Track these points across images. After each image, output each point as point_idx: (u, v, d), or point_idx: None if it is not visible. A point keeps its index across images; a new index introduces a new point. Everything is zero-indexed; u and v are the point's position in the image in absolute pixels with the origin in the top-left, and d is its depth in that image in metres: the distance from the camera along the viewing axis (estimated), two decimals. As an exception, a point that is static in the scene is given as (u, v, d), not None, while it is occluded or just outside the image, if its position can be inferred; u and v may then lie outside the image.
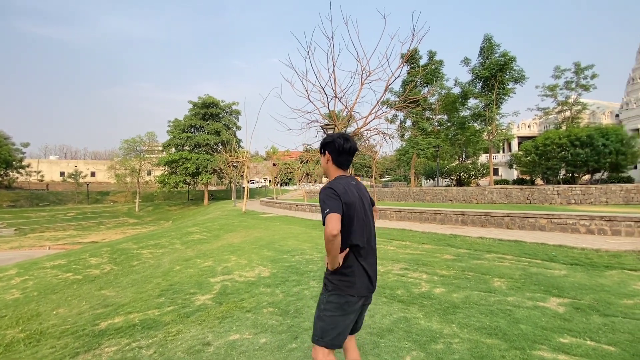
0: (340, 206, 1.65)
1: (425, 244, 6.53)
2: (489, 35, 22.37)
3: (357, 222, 1.73)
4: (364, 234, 1.76)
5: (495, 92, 22.26)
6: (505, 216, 9.15)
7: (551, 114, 31.06)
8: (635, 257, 4.78)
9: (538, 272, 4.34)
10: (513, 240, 6.40)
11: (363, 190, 1.91)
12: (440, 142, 24.75)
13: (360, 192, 1.85)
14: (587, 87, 27.52)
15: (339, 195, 1.67)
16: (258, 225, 10.85)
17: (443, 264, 4.98)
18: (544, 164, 24.81)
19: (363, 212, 1.79)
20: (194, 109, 42.48)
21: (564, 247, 5.69)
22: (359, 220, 1.75)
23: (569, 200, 17.92)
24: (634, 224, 7.17)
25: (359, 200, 1.78)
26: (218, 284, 4.67)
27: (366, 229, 1.79)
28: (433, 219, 10.69)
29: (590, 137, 22.02)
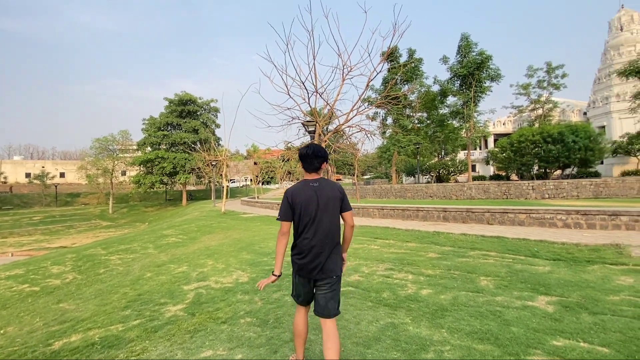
0: (287, 209, 2.16)
1: (410, 242, 6.42)
2: (466, 34, 22.81)
3: (304, 218, 2.14)
4: (305, 227, 2.15)
5: (473, 90, 22.73)
6: (486, 212, 9.23)
7: (525, 112, 32.18)
8: (613, 250, 4.83)
9: (523, 269, 4.29)
10: (495, 237, 6.39)
11: (323, 191, 2.16)
12: (420, 139, 25.05)
13: (318, 193, 2.15)
14: (557, 86, 28.68)
15: (287, 198, 2.17)
16: (237, 226, 10.46)
17: (428, 263, 4.86)
18: (519, 160, 25.63)
19: (314, 210, 2.13)
20: (170, 106, 41.02)
21: (545, 242, 5.71)
22: (308, 216, 2.13)
23: (543, 195, 18.55)
24: (607, 218, 7.37)
25: (312, 199, 2.13)
26: (192, 292, 4.32)
27: (314, 224, 2.13)
28: (415, 216, 10.68)
29: (561, 134, 22.89)
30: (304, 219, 2.14)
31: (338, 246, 2.24)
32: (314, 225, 2.13)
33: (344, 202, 2.22)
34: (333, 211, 2.18)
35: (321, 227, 2.14)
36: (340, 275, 2.24)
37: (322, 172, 2.27)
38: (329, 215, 2.16)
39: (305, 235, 2.17)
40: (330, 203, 2.17)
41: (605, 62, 30.03)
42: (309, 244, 2.16)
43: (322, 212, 2.14)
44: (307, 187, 2.17)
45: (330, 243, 2.17)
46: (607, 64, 29.77)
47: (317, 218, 2.13)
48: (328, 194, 2.18)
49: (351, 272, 4.67)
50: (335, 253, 2.22)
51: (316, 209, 2.13)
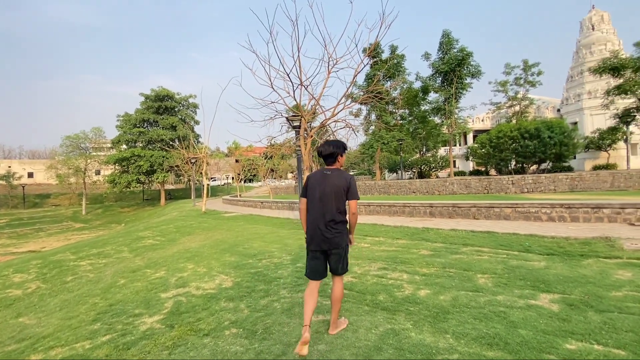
0: (304, 189, 2.79)
1: (400, 239, 6.24)
2: (447, 31, 23.01)
3: (310, 198, 2.71)
4: (315, 208, 2.66)
5: (454, 86, 23.00)
6: (472, 207, 9.24)
7: (502, 109, 32.99)
8: (604, 244, 4.82)
9: (519, 265, 4.17)
10: (485, 232, 6.32)
11: (332, 179, 2.66)
12: (403, 135, 25.17)
13: (327, 180, 2.66)
14: (533, 83, 29.54)
15: (306, 180, 2.78)
16: (219, 226, 10.00)
17: (422, 260, 4.68)
18: (498, 156, 26.26)
19: (320, 192, 2.65)
20: (146, 102, 39.37)
21: (535, 237, 5.68)
22: (314, 196, 2.67)
23: (522, 189, 19.03)
24: (590, 210, 7.49)
25: (321, 184, 2.66)
26: (170, 300, 3.94)
27: (319, 202, 2.64)
28: (402, 212, 10.58)
29: (537, 130, 23.56)
30: (310, 198, 2.73)
31: (341, 225, 2.68)
32: (316, 204, 2.67)
33: (349, 192, 2.65)
34: (337, 197, 2.63)
35: (322, 208, 2.63)
36: (344, 247, 2.72)
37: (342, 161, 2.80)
38: (332, 199, 2.63)
39: (310, 212, 2.73)
40: (335, 190, 2.63)
41: (578, 61, 31.18)
42: (310, 218, 2.72)
43: (327, 196, 2.63)
44: (320, 173, 2.73)
45: (328, 222, 2.62)
46: (579, 62, 30.93)
47: (323, 199, 2.64)
48: (335, 182, 2.65)
49: (343, 273, 4.42)
50: (339, 230, 2.66)
51: (321, 193, 2.65)
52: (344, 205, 2.68)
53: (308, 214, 2.74)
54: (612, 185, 17.16)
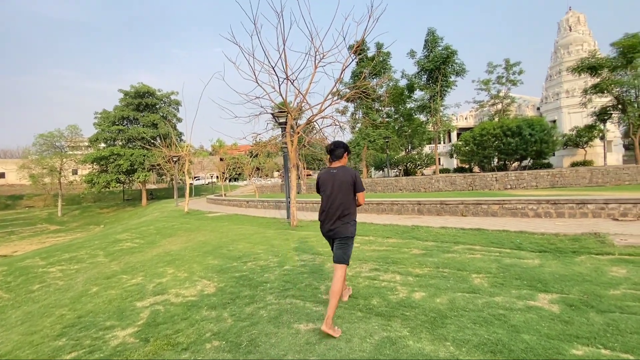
0: (317, 186, 3.14)
1: (390, 237, 6.09)
2: (432, 29, 23.16)
3: (322, 194, 3.06)
4: (326, 202, 3.01)
5: (439, 84, 23.18)
6: (460, 204, 9.22)
7: (485, 107, 33.61)
8: (594, 240, 4.80)
9: (513, 264, 4.07)
10: (475, 229, 6.25)
11: (338, 176, 2.98)
12: (389, 133, 25.21)
13: (334, 177, 2.99)
14: (514, 82, 30.18)
15: (317, 179, 3.13)
16: (203, 227, 9.61)
17: (414, 260, 4.52)
18: (481, 153, 26.70)
19: (330, 189, 2.98)
20: (125, 98, 37.97)
21: (524, 233, 5.63)
22: (325, 193, 3.02)
23: (506, 186, 19.37)
24: (575, 206, 7.57)
25: (330, 181, 3.00)
26: (146, 310, 3.62)
27: (328, 198, 2.99)
28: (390, 210, 10.48)
29: (519, 128, 24.06)
30: (322, 195, 3.08)
31: (349, 216, 2.99)
32: (329, 200, 3.01)
33: (356, 185, 2.98)
34: (345, 191, 2.96)
35: (334, 202, 2.97)
36: (349, 237, 2.98)
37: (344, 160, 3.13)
38: (341, 194, 2.96)
39: (323, 206, 3.07)
40: (343, 186, 2.96)
41: (556, 60, 32.11)
42: (323, 213, 3.06)
43: (337, 191, 2.97)
44: (328, 172, 3.07)
45: (339, 214, 2.96)
46: (557, 62, 31.85)
47: (331, 195, 2.99)
48: (342, 178, 2.97)
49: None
50: (344, 221, 2.97)
51: (331, 189, 2.99)
52: (351, 198, 3.00)
53: (320, 210, 3.11)
54: (591, 181, 17.68)
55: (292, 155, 7.88)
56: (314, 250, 5.61)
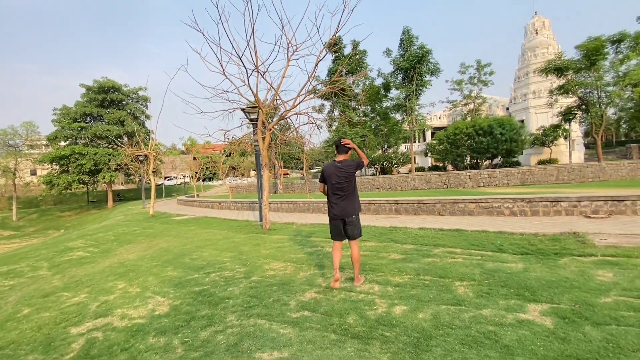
0: (322, 177, 3.72)
1: (367, 240, 5.75)
2: (407, 28, 23.26)
3: (330, 185, 3.64)
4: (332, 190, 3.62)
5: (414, 83, 23.33)
6: (437, 202, 9.08)
7: (458, 107, 34.44)
8: (574, 239, 4.68)
9: (496, 268, 3.82)
10: (454, 230, 6.04)
11: (343, 168, 3.58)
12: (366, 132, 25.12)
13: (339, 169, 3.58)
14: (486, 82, 31.08)
15: (322, 171, 3.71)
16: (167, 232, 8.88)
17: (393, 267, 4.18)
18: (455, 152, 27.24)
19: (336, 179, 3.58)
20: (88, 94, 35.54)
21: (504, 234, 5.47)
22: (330, 182, 3.61)
23: (479, 184, 19.79)
24: (549, 204, 7.60)
25: (335, 173, 3.59)
26: (81, 338, 3.03)
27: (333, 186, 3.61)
28: (367, 209, 10.21)
29: (490, 127, 24.71)
30: (330, 185, 3.61)
31: (354, 199, 3.63)
32: (333, 187, 3.58)
33: (358, 166, 3.64)
34: (348, 179, 3.54)
35: (338, 190, 3.57)
36: (356, 214, 3.63)
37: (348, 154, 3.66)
38: (347, 183, 3.54)
39: (331, 196, 3.63)
40: (346, 175, 3.54)
41: (524, 63, 33.39)
42: (330, 197, 3.63)
43: (343, 181, 3.54)
44: (333, 165, 3.59)
45: (346, 198, 3.57)
46: (525, 64, 33.13)
47: (338, 185, 3.55)
48: (346, 169, 3.54)
49: (306, 287, 3.78)
50: (352, 203, 3.60)
51: (337, 179, 3.54)
52: (354, 184, 3.63)
53: (328, 195, 3.67)
54: (558, 179, 18.40)
55: (264, 154, 7.37)
56: (285, 257, 5.16)
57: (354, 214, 3.62)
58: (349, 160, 3.63)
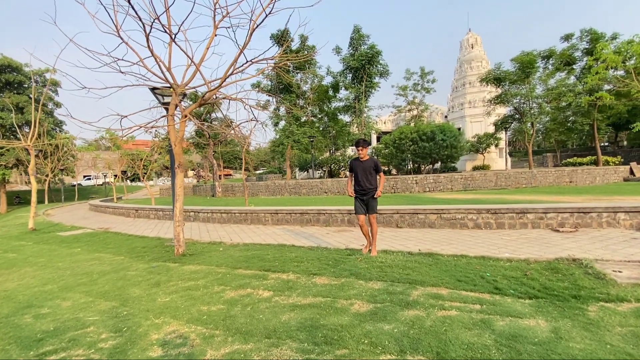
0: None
1: (318, 274, 4.17)
2: (358, 27, 22.54)
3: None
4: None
5: (364, 84, 22.67)
6: (395, 213, 7.94)
7: (403, 112, 35.14)
8: (580, 271, 3.66)
9: (514, 333, 2.52)
10: (427, 254, 4.78)
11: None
12: (314, 132, 23.80)
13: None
14: (428, 89, 32.09)
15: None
16: (34, 259, 6.24)
17: (361, 334, 2.65)
18: (400, 156, 27.40)
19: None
20: (-27, 72, 28.45)
21: (488, 260, 4.34)
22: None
23: (425, 188, 19.69)
24: (515, 216, 6.88)
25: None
26: None
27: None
28: (317, 221, 8.69)
29: (433, 133, 25.20)
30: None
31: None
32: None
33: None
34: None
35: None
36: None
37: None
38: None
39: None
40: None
41: (461, 74, 35.31)
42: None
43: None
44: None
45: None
46: (462, 75, 35.05)
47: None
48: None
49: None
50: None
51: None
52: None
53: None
54: (496, 184, 19.08)
55: (178, 149, 5.36)
56: (192, 311, 3.32)
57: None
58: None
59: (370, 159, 5.06)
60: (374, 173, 5.03)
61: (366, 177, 5.00)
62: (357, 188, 5.08)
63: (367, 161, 5.04)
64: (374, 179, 5.04)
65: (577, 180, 19.36)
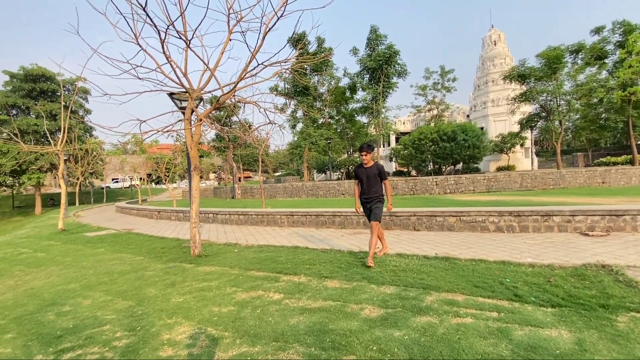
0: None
1: (330, 277, 4.12)
2: (375, 27, 22.33)
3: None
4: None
5: (381, 84, 22.42)
6: (412, 215, 7.75)
7: (422, 112, 34.49)
8: (610, 278, 3.41)
9: (532, 344, 2.37)
10: (443, 258, 4.63)
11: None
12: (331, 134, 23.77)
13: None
14: (449, 88, 31.36)
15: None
16: (61, 259, 6.57)
17: (370, 340, 2.58)
18: (419, 157, 26.85)
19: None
20: (12, 82, 30.61)
21: (509, 265, 4.14)
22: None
23: (445, 190, 19.19)
24: (540, 219, 6.54)
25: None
26: None
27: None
28: (332, 223, 8.65)
29: (454, 133, 24.53)
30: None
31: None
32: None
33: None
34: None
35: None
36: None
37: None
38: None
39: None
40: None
41: (483, 72, 34.25)
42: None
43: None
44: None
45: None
46: (484, 73, 33.98)
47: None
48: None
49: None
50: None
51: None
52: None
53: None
54: (522, 186, 18.30)
55: (194, 152, 5.48)
56: (204, 312, 3.36)
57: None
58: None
59: (375, 165, 4.74)
60: (379, 180, 4.72)
61: (370, 184, 4.71)
62: (362, 196, 4.83)
63: (371, 167, 4.73)
64: (379, 186, 4.73)
65: (610, 181, 18.25)
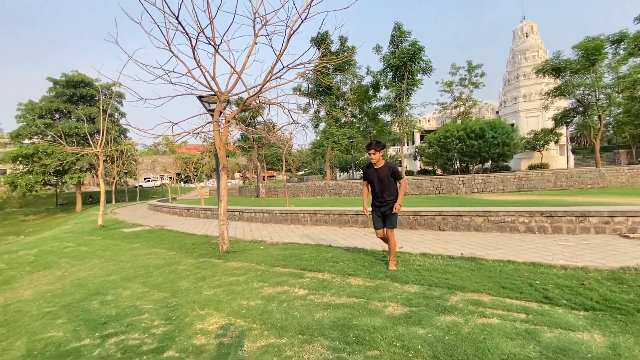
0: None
1: (353, 275, 4.18)
2: (399, 24, 21.98)
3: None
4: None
5: (405, 82, 22.06)
6: (437, 215, 7.63)
7: (448, 109, 33.52)
8: (652, 283, 3.22)
9: (563, 347, 2.32)
10: (469, 258, 4.55)
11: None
12: (354, 133, 23.69)
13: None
14: (477, 84, 30.27)
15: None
16: (102, 252, 7.07)
17: (393, 336, 2.62)
18: (445, 155, 26.15)
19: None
20: (55, 88, 32.96)
21: (539, 267, 4.01)
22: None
23: (472, 189, 18.59)
24: (575, 219, 6.23)
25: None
26: None
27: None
28: (355, 222, 8.68)
29: (482, 130, 23.67)
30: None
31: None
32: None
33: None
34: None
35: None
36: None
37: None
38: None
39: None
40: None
41: (514, 66, 32.74)
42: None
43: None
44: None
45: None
46: (515, 67, 32.48)
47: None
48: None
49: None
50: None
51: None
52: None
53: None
54: (555, 185, 17.38)
55: (222, 153, 5.72)
56: (233, 305, 3.53)
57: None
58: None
59: (386, 165, 4.21)
60: (393, 181, 4.21)
61: (383, 186, 4.19)
62: (374, 200, 4.33)
63: (382, 168, 4.19)
64: (394, 187, 4.23)
65: (656, 180, 16.90)
